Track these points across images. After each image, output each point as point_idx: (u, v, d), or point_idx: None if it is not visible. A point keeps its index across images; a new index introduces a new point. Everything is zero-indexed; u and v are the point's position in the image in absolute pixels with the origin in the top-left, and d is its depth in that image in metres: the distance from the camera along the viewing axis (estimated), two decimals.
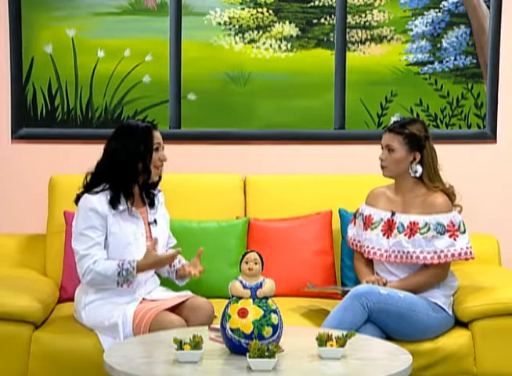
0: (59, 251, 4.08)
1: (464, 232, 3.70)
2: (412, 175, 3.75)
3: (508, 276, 4.08)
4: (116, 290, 3.57)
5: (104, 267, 3.52)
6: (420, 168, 3.74)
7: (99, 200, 3.60)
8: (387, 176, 3.82)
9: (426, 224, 3.68)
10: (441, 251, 3.66)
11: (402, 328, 3.59)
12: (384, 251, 3.76)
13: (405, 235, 3.71)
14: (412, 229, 3.70)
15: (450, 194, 3.75)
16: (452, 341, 3.68)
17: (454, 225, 3.68)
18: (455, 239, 3.67)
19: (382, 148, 3.78)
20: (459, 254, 3.67)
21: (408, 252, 3.69)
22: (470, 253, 3.69)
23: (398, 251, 3.72)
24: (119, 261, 3.53)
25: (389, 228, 3.77)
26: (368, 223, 3.84)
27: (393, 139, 3.74)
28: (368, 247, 3.81)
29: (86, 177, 3.69)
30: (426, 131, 3.77)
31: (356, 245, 3.89)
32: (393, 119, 3.82)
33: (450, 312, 3.73)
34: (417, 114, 4.55)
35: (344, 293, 3.70)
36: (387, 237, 3.76)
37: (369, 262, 3.88)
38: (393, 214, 3.78)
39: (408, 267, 3.74)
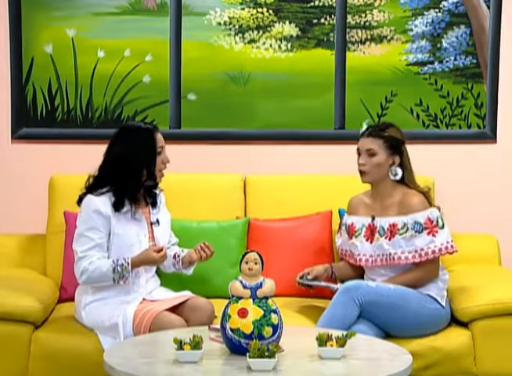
0: (59, 251, 4.08)
1: (443, 227, 3.70)
2: (392, 178, 3.77)
3: (508, 276, 4.08)
4: (116, 290, 3.58)
5: (99, 265, 3.52)
6: (400, 171, 3.76)
7: (102, 201, 3.60)
8: (367, 182, 3.82)
9: (404, 224, 3.70)
10: (422, 249, 3.67)
11: (394, 320, 3.60)
12: (369, 256, 3.78)
13: (386, 238, 3.73)
14: (392, 231, 3.72)
15: (426, 195, 3.76)
16: (452, 341, 3.68)
17: (432, 222, 3.69)
18: (434, 235, 3.68)
19: (359, 153, 3.79)
20: (440, 249, 3.68)
21: (389, 254, 3.71)
22: (452, 247, 3.70)
23: (382, 254, 3.74)
24: (113, 258, 3.53)
25: (371, 233, 3.79)
26: (351, 232, 3.86)
27: (373, 142, 3.75)
28: (354, 254, 3.83)
29: (89, 179, 3.69)
30: (402, 135, 3.81)
31: (345, 254, 3.92)
32: (365, 125, 3.84)
33: (444, 304, 3.72)
34: (417, 114, 4.56)
35: (335, 291, 3.72)
36: (371, 242, 3.78)
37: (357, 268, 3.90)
38: (373, 218, 3.80)
39: (397, 268, 3.75)
